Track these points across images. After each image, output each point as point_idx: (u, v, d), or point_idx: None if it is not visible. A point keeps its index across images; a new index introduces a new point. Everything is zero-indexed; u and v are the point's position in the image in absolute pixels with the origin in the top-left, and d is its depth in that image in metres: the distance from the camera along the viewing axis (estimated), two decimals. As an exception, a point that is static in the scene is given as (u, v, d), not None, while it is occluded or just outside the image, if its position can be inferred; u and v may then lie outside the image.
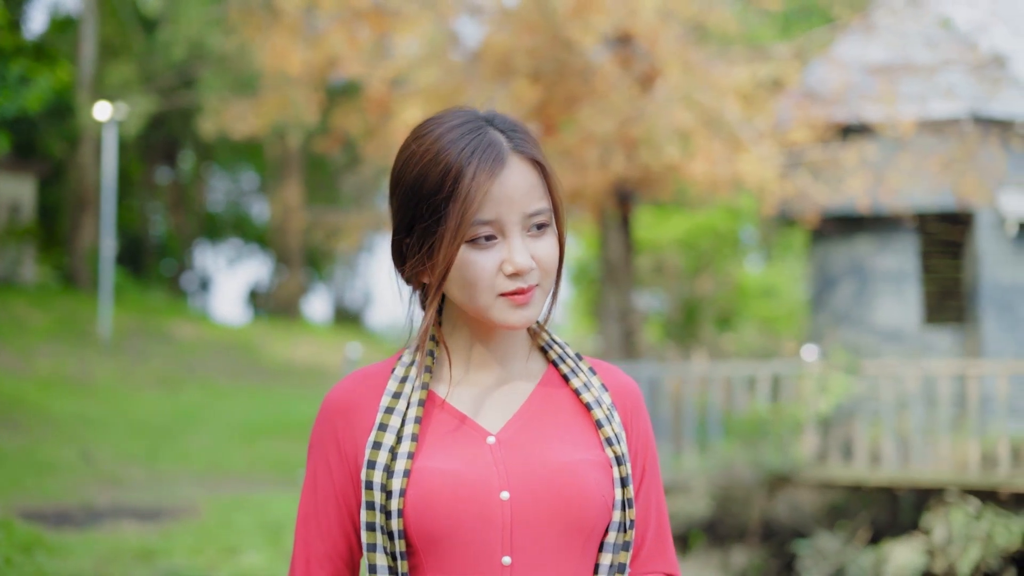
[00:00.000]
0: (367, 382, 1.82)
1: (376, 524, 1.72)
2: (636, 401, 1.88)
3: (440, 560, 1.71)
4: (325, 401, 1.82)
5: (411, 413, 1.75)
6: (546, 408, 1.81)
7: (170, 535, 7.97)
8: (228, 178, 39.26)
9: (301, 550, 1.81)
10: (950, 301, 14.83)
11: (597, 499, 1.74)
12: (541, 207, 1.73)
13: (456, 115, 1.76)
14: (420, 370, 1.79)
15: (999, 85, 13.29)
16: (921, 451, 11.84)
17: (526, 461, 1.73)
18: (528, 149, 1.75)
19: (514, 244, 1.71)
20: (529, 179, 1.74)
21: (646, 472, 1.87)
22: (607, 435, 1.79)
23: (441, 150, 1.71)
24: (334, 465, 1.79)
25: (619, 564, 1.78)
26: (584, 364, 1.86)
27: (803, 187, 13.07)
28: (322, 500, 1.80)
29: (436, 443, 1.74)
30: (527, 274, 1.72)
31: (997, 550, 10.66)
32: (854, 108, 13.43)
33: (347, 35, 12.73)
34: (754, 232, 24.46)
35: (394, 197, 1.78)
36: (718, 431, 12.38)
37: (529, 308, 1.73)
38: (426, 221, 1.72)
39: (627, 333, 14.20)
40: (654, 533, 1.87)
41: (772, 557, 11.83)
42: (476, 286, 1.71)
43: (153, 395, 16.57)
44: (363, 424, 1.78)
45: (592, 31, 11.75)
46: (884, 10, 13.58)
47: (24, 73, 15.46)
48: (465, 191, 1.68)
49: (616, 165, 12.32)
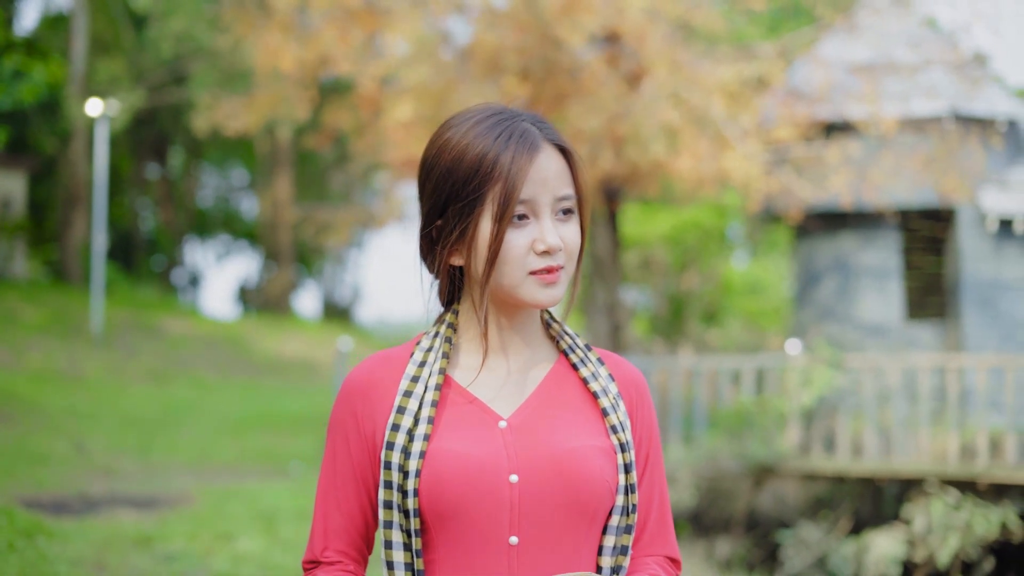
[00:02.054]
0: (387, 364, 1.89)
1: (393, 503, 1.79)
2: (641, 391, 1.96)
3: (450, 538, 1.78)
4: (346, 382, 1.90)
5: (428, 397, 1.82)
6: (556, 395, 1.88)
7: (166, 522, 8.14)
8: (218, 174, 39.33)
9: (320, 522, 1.88)
10: (932, 296, 15.04)
11: (601, 483, 1.80)
12: (569, 193, 1.83)
13: (486, 108, 1.86)
14: (438, 355, 1.86)
15: (979, 84, 13.51)
16: (902, 443, 12.05)
17: (535, 445, 1.81)
18: (558, 138, 1.85)
19: (546, 224, 1.80)
20: (559, 165, 1.83)
21: (649, 459, 1.94)
22: (612, 423, 1.86)
23: (478, 135, 1.80)
24: (353, 443, 1.86)
25: (622, 546, 1.85)
26: (592, 355, 1.94)
27: (787, 184, 13.26)
28: (340, 476, 1.87)
29: (451, 426, 1.82)
30: (556, 254, 1.80)
31: (976, 539, 10.88)
32: (838, 106, 13.63)
33: (339, 33, 12.87)
34: (741, 229, 24.65)
35: (426, 184, 1.85)
36: (703, 423, 12.57)
37: (556, 288, 1.82)
38: (462, 202, 1.79)
39: (614, 328, 14.38)
40: (656, 518, 1.93)
41: (756, 547, 12.03)
42: (509, 264, 1.79)
43: (144, 389, 16.70)
44: (382, 404, 1.85)
45: (580, 30, 11.91)
46: (867, 10, 13.78)
47: (17, 67, 15.58)
48: (507, 171, 1.77)
49: (604, 162, 12.50)
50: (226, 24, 15.45)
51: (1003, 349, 13.81)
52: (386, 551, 1.80)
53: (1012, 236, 14.09)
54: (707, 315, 23.30)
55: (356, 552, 1.88)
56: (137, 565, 6.72)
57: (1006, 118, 13.99)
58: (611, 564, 1.85)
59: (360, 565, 1.90)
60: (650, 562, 1.91)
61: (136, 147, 31.97)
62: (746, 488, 11.98)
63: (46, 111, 25.18)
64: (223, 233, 39.53)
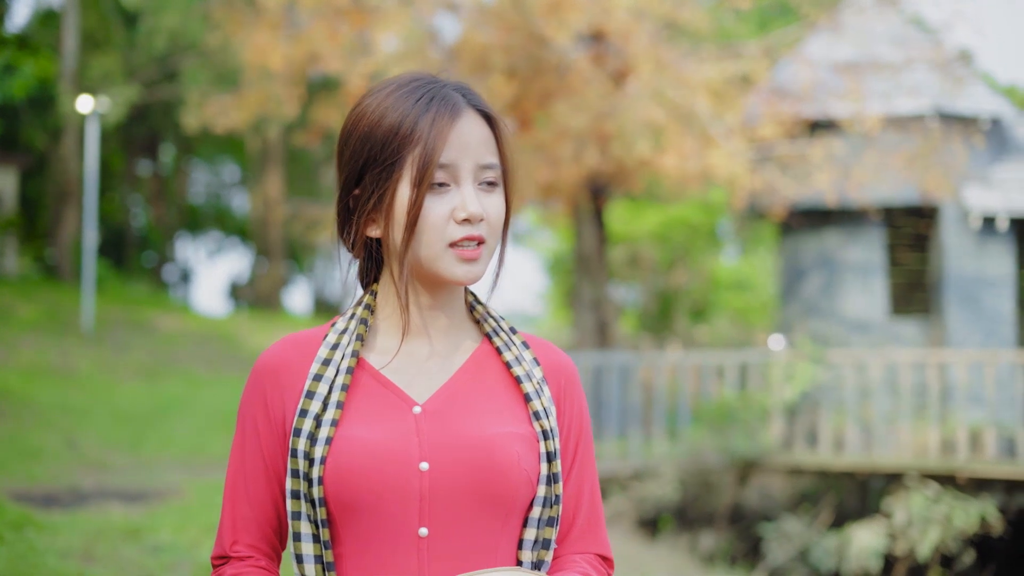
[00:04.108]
0: (298, 347, 1.78)
1: (300, 492, 1.69)
2: (569, 379, 1.84)
3: (357, 529, 1.68)
4: (256, 365, 1.79)
5: (339, 380, 1.72)
6: (476, 380, 1.78)
7: (155, 515, 8.24)
8: (209, 171, 39.36)
9: (228, 515, 1.77)
10: (916, 293, 15.18)
11: (519, 473, 1.69)
12: (493, 162, 1.73)
13: (410, 75, 1.77)
14: (352, 337, 1.76)
15: (962, 83, 13.64)
16: (884, 438, 12.19)
17: (449, 433, 1.70)
18: (483, 105, 1.76)
19: (467, 192, 1.69)
20: (484, 132, 1.73)
21: (578, 452, 1.83)
22: (535, 409, 1.75)
23: (398, 99, 1.71)
24: (263, 430, 1.75)
25: (544, 539, 1.74)
26: (517, 338, 1.83)
27: (772, 181, 13.39)
28: (250, 465, 1.76)
29: (361, 412, 1.71)
30: (478, 223, 1.70)
31: (956, 533, 11.02)
32: (822, 105, 13.75)
33: (327, 31, 12.97)
34: (729, 225, 24.80)
35: (344, 151, 1.75)
36: (687, 418, 12.70)
37: (476, 264, 1.71)
38: (379, 167, 1.70)
39: (601, 324, 14.50)
40: (586, 514, 1.82)
41: (739, 540, 12.16)
42: (427, 232, 1.69)
43: (135, 385, 16.77)
44: (292, 389, 1.75)
45: (567, 29, 12.03)
46: (852, 9, 13.91)
47: (8, 62, 15.64)
48: (426, 134, 1.67)
49: (589, 159, 12.62)
50: (216, 22, 15.55)
51: (986, 345, 13.95)
52: (295, 543, 1.70)
53: (995, 233, 14.22)
54: (695, 312, 23.43)
55: (268, 546, 1.77)
56: (125, 556, 6.83)
57: (990, 116, 14.12)
58: (532, 558, 1.74)
59: (273, 560, 1.78)
60: (579, 559, 1.80)
61: (128, 143, 32.02)
62: (730, 482, 12.11)
63: (37, 107, 25.23)
64: (214, 229, 39.59)
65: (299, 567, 1.70)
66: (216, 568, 1.78)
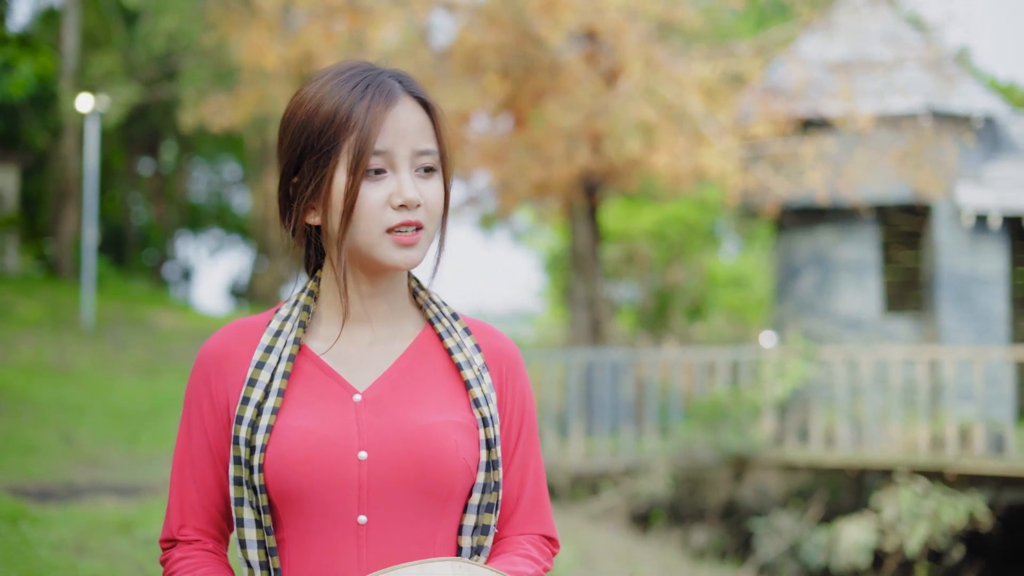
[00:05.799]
0: (242, 334, 1.80)
1: (243, 479, 1.71)
2: (512, 364, 1.86)
3: (297, 517, 1.70)
4: (200, 352, 1.81)
5: (280, 368, 1.74)
6: (417, 368, 1.79)
7: (148, 509, 8.32)
8: (210, 169, 39.44)
9: (176, 499, 1.79)
10: (909, 290, 15.25)
11: (456, 461, 1.71)
12: (430, 148, 1.74)
13: (348, 64, 1.78)
14: (295, 324, 1.78)
15: (955, 81, 13.70)
16: (874, 434, 12.27)
17: (388, 421, 1.72)
18: (420, 92, 1.77)
19: (403, 178, 1.71)
20: (420, 118, 1.75)
21: (522, 436, 1.85)
22: (475, 396, 1.77)
23: (335, 87, 1.73)
24: (207, 416, 1.78)
25: (483, 525, 1.77)
26: (459, 324, 1.85)
27: (764, 180, 13.47)
28: (196, 450, 1.78)
29: (301, 400, 1.73)
30: (415, 209, 1.72)
31: (944, 528, 11.09)
32: (814, 103, 13.82)
33: (323, 30, 13.06)
34: (726, 223, 24.90)
35: (283, 139, 1.79)
36: (679, 415, 12.78)
37: (414, 249, 1.73)
38: (316, 154, 1.72)
39: (595, 322, 14.58)
40: (530, 496, 1.85)
41: (730, 536, 12.25)
42: (364, 219, 1.70)
43: (133, 382, 16.86)
44: (235, 376, 1.77)
45: (559, 28, 12.11)
46: (845, 8, 13.98)
47: (7, 61, 15.71)
48: (361, 121, 1.69)
49: (581, 158, 12.70)
50: (212, 21, 15.64)
51: (979, 342, 14.00)
52: (238, 528, 1.72)
53: (988, 231, 14.28)
54: (692, 309, 23.50)
55: (216, 530, 1.80)
56: (117, 549, 6.92)
57: (982, 114, 14.17)
58: (472, 544, 1.77)
59: (220, 543, 1.82)
60: (523, 540, 1.83)
61: (128, 142, 32.11)
62: (722, 478, 12.19)
63: (38, 106, 25.33)
64: (215, 228, 39.67)
65: (243, 551, 1.73)
66: (165, 551, 1.81)
